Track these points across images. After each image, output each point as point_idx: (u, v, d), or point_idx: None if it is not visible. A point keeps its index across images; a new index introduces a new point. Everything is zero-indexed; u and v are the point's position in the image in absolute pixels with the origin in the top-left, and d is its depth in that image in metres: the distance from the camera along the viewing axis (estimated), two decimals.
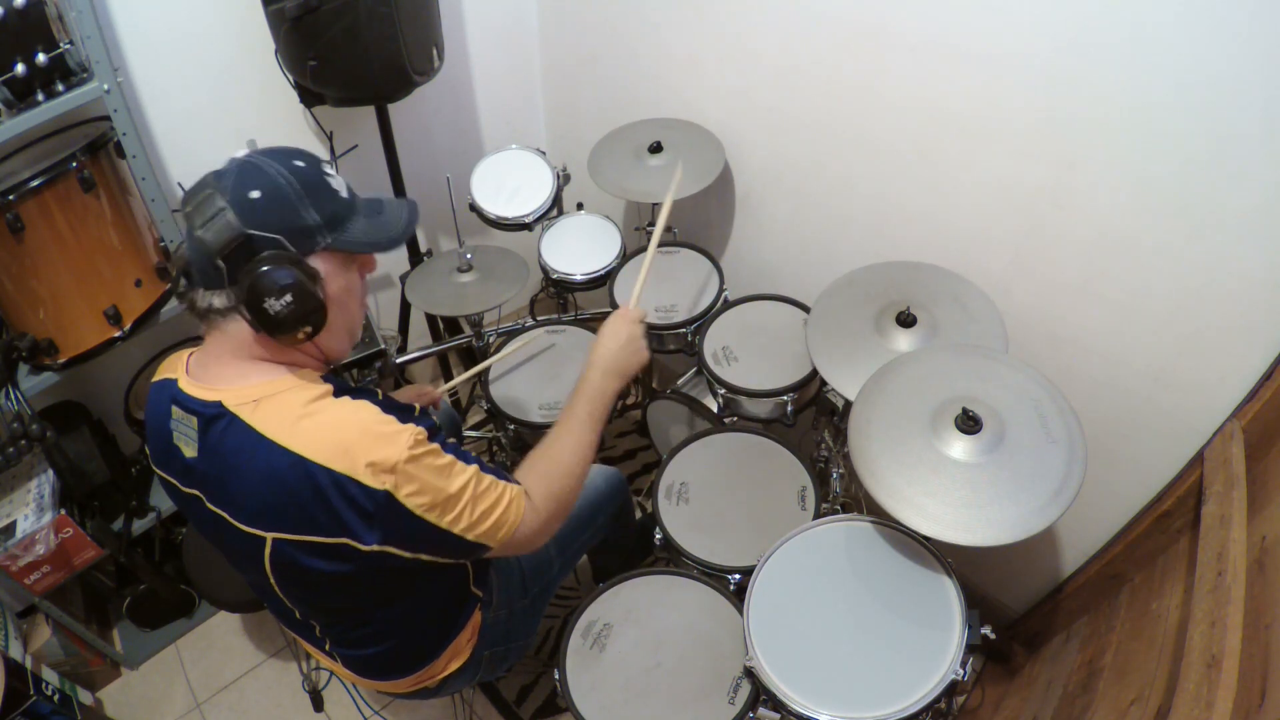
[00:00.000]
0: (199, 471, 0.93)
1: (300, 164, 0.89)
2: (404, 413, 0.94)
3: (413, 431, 0.89)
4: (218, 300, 0.88)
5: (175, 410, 0.94)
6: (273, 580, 0.97)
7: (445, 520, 0.91)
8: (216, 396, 0.90)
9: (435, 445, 0.92)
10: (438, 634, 1.16)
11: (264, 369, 0.92)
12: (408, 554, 0.92)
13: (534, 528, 1.02)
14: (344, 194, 0.93)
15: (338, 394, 0.93)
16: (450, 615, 1.17)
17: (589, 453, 1.10)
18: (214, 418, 0.89)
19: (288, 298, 0.85)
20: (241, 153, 0.89)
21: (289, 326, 0.87)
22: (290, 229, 0.87)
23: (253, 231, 0.84)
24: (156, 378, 1.00)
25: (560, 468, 1.07)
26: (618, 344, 1.15)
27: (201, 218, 0.84)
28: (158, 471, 1.01)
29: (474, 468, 0.95)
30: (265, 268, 0.84)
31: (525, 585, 1.32)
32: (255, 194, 0.85)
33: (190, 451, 0.93)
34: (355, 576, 0.93)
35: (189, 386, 0.93)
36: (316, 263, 0.90)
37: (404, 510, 0.88)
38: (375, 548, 0.89)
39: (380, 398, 0.97)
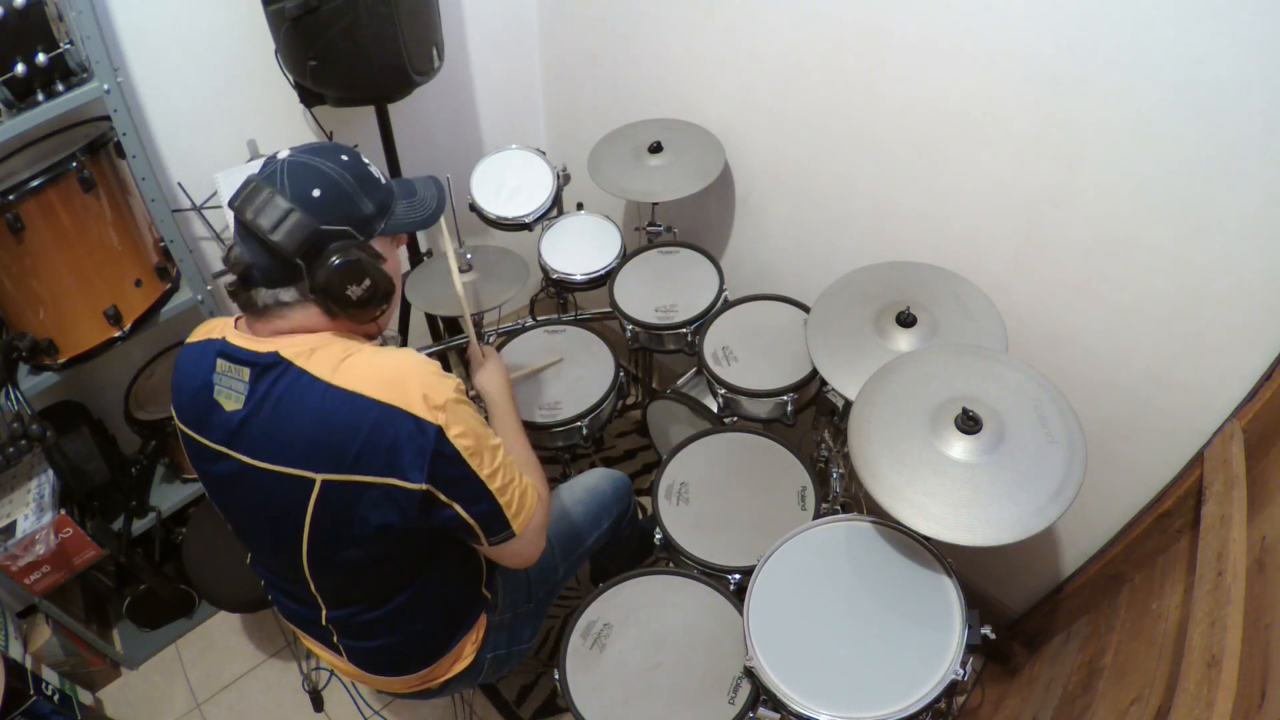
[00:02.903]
0: (241, 424, 0.94)
1: (346, 158, 0.95)
2: None
3: (456, 380, 0.96)
4: (285, 295, 0.94)
5: (221, 363, 0.96)
6: (306, 538, 0.97)
7: (484, 471, 0.96)
8: (272, 348, 0.93)
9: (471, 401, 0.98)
10: (444, 632, 1.16)
11: (318, 332, 0.97)
12: (445, 500, 0.94)
13: (540, 521, 1.07)
14: (384, 181, 1.00)
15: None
16: (458, 614, 1.17)
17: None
18: (269, 366, 0.93)
19: (367, 282, 0.94)
20: (284, 153, 0.94)
21: (371, 307, 0.97)
22: (354, 220, 0.94)
23: (325, 227, 0.91)
24: (194, 339, 1.03)
25: (533, 464, 1.18)
26: (499, 381, 1.32)
27: (270, 220, 0.88)
28: (186, 430, 1.02)
29: (500, 439, 1.01)
30: (344, 259, 0.91)
31: (530, 590, 1.32)
32: (316, 192, 0.91)
33: (233, 405, 0.94)
34: (391, 535, 0.95)
35: (241, 340, 0.95)
36: (376, 246, 0.98)
37: (451, 449, 0.92)
38: (422, 486, 0.91)
39: None
